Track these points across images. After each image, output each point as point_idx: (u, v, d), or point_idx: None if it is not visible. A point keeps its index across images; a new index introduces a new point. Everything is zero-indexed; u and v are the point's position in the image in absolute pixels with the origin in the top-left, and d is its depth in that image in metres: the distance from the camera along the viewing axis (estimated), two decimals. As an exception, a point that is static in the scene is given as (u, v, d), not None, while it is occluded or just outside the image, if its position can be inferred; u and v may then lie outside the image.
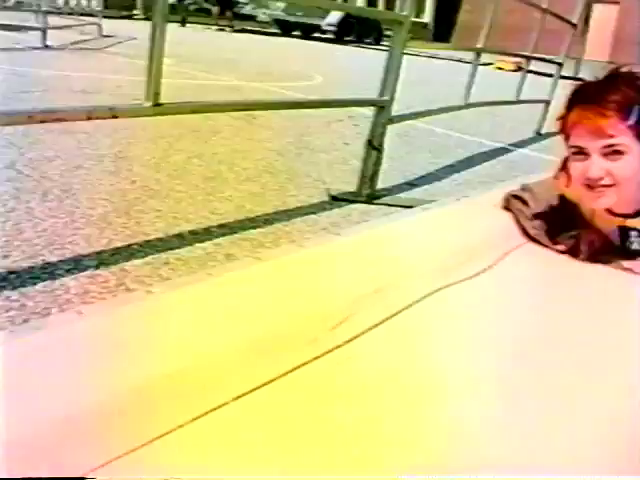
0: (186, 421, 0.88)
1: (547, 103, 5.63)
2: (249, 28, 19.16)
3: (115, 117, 2.15)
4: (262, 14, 20.74)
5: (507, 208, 1.76)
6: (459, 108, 4.35)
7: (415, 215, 1.82)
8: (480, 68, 4.51)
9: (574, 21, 5.73)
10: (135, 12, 18.04)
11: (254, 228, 2.52)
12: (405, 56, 3.17)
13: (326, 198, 3.08)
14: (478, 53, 4.36)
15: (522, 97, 5.48)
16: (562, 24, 5.61)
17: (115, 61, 7.70)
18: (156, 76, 2.08)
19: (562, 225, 1.58)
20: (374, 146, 3.15)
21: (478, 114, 5.54)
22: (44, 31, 8.13)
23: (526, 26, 5.74)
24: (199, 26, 17.69)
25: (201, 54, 9.57)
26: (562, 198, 1.57)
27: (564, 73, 6.12)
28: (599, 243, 1.56)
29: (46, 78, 5.64)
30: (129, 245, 2.21)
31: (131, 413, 0.88)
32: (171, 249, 2.21)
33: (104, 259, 2.07)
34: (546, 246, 1.60)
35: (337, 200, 3.06)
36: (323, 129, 4.84)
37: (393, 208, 2.93)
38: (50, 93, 4.96)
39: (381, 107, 3.15)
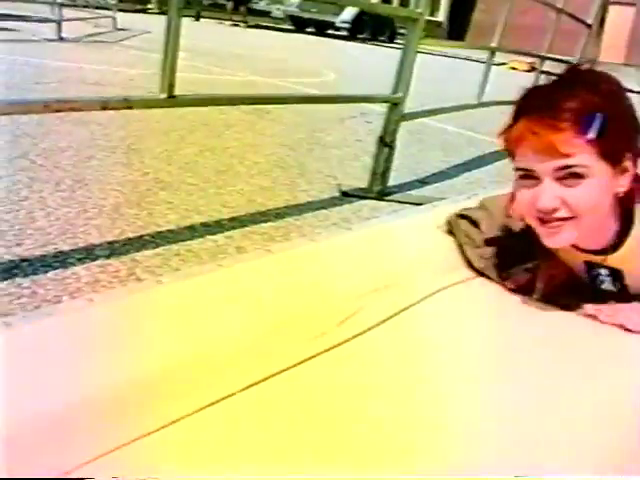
0: (191, 411, 0.89)
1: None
2: (263, 24, 19.15)
3: (130, 108, 2.16)
4: (276, 10, 20.76)
5: (452, 232, 1.53)
6: (472, 107, 4.33)
7: (425, 212, 1.81)
8: (494, 68, 4.49)
9: (589, 22, 5.69)
10: (149, 6, 18.06)
11: (265, 222, 2.52)
12: (419, 54, 3.17)
13: (337, 194, 3.08)
14: (492, 52, 4.34)
15: (536, 97, 5.44)
16: (577, 25, 5.57)
17: (129, 54, 7.72)
18: (171, 67, 2.08)
19: (519, 254, 1.31)
20: (386, 143, 3.15)
21: (491, 113, 5.49)
22: (59, 23, 8.15)
23: (541, 26, 5.70)
24: (213, 21, 17.70)
25: (215, 49, 9.57)
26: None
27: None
28: (561, 279, 1.30)
29: (60, 70, 5.66)
30: (141, 236, 2.22)
31: (136, 402, 0.89)
32: (182, 241, 2.22)
33: (115, 249, 2.08)
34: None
35: (348, 196, 3.06)
36: (335, 125, 4.84)
37: (403, 205, 2.93)
38: (64, 85, 4.98)
39: (394, 104, 3.14)
